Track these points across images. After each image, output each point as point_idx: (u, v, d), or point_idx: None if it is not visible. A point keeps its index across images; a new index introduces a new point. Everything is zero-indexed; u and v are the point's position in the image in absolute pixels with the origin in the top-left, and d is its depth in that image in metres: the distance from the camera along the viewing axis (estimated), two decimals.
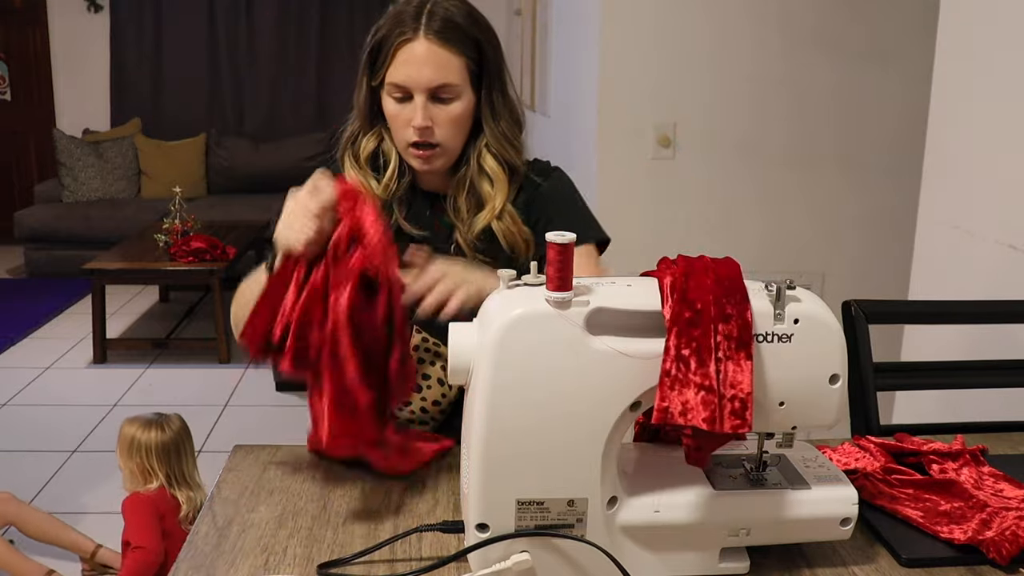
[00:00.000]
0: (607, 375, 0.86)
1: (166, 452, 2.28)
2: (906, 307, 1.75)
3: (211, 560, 0.94)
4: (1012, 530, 0.95)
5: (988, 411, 1.51)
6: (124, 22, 6.42)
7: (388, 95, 1.30)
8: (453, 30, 1.27)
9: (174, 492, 2.29)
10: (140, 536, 2.21)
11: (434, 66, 1.25)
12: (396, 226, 1.35)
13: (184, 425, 2.37)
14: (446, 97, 1.28)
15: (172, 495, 2.29)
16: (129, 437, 2.29)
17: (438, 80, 1.26)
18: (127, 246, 4.76)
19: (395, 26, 1.26)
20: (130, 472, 2.30)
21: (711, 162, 2.84)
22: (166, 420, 2.33)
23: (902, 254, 2.14)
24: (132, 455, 2.28)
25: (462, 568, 0.93)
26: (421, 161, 1.32)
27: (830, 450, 1.15)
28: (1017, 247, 1.64)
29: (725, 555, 0.94)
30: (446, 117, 1.28)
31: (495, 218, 1.33)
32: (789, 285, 0.88)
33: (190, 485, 2.33)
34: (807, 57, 2.79)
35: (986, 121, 1.75)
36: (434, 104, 1.28)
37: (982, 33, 1.76)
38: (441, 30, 1.26)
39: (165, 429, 2.31)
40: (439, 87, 1.26)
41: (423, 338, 1.35)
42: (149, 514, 2.24)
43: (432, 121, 1.27)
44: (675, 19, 2.76)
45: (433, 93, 1.27)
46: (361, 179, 1.35)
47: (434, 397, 1.36)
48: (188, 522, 2.27)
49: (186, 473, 2.33)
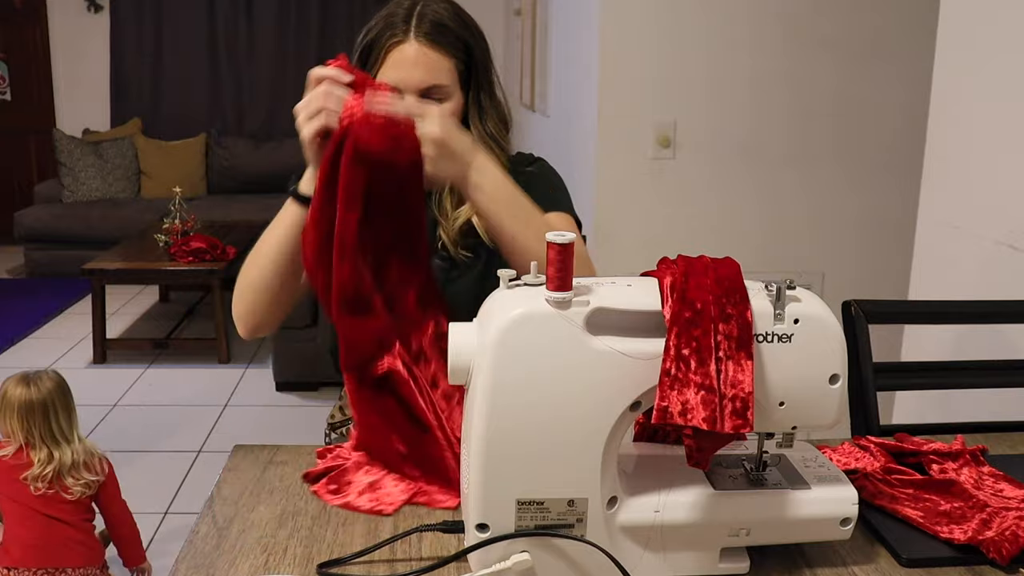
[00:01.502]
0: (607, 375, 0.86)
1: (29, 411, 2.21)
2: (906, 307, 1.75)
3: (211, 560, 0.94)
4: (1012, 530, 0.95)
5: (987, 411, 1.51)
6: (124, 22, 6.43)
7: None
8: (443, 32, 1.28)
9: (31, 453, 2.21)
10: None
11: (424, 68, 1.27)
12: None
13: (58, 383, 2.29)
14: (436, 98, 1.29)
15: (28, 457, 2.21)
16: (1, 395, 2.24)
17: (428, 81, 1.27)
18: (127, 246, 4.77)
19: (385, 28, 1.28)
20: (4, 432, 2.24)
21: (711, 162, 2.84)
22: (36, 379, 2.26)
23: (902, 254, 2.15)
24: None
25: (462, 568, 0.93)
26: None
27: (830, 450, 1.15)
28: (1017, 247, 1.64)
29: (725, 555, 0.94)
30: None
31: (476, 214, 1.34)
32: (789, 285, 0.88)
33: (56, 442, 2.23)
34: (806, 57, 2.79)
35: (986, 121, 1.75)
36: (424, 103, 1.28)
37: (982, 33, 1.76)
38: (431, 32, 1.27)
39: (31, 387, 2.23)
40: (429, 88, 1.27)
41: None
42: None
43: None
44: (675, 19, 2.77)
45: (423, 94, 1.28)
46: None
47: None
48: (41, 481, 2.18)
49: (54, 431, 2.24)
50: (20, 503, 2.19)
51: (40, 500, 2.18)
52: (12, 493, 2.20)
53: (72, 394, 2.31)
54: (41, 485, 2.18)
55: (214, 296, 4.38)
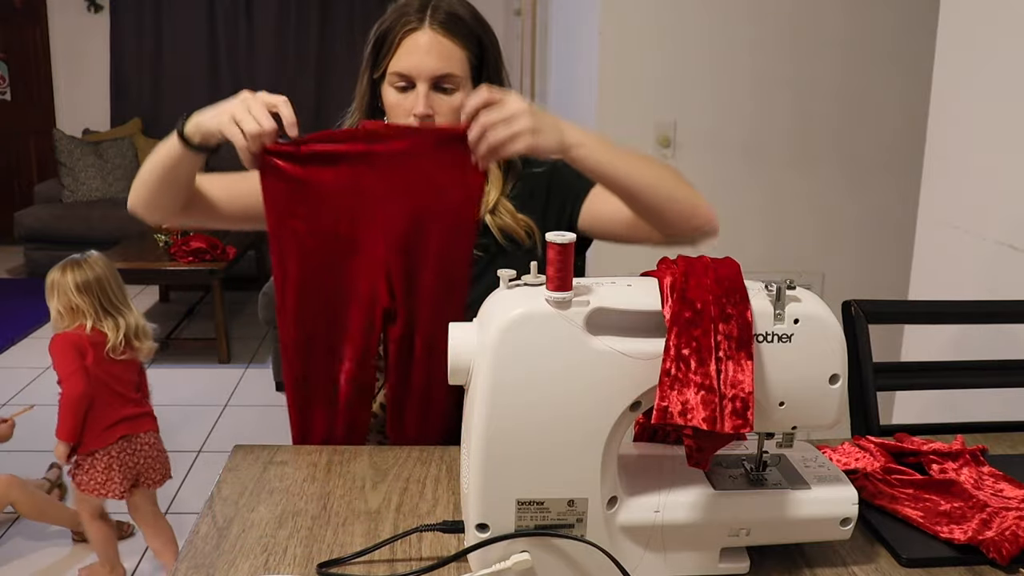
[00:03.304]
0: (607, 375, 0.86)
1: (88, 288, 2.43)
2: (906, 307, 1.75)
3: (211, 560, 0.94)
4: (1012, 530, 0.95)
5: (987, 411, 1.51)
6: (124, 22, 6.42)
7: (390, 85, 1.31)
8: (457, 23, 1.29)
9: (102, 327, 2.44)
10: (62, 369, 2.40)
11: (438, 56, 1.28)
12: None
13: (106, 261, 2.52)
14: (448, 87, 1.29)
15: (101, 331, 2.44)
16: (51, 281, 2.45)
17: (442, 69, 1.28)
18: (127, 246, 4.77)
19: (399, 18, 1.29)
20: (57, 314, 2.45)
21: (711, 162, 2.84)
22: (86, 260, 2.49)
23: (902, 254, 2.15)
24: (56, 296, 2.44)
25: (462, 568, 0.93)
26: None
27: (830, 450, 1.15)
28: (1017, 247, 1.64)
29: (725, 555, 0.94)
30: (447, 107, 1.30)
31: (488, 212, 1.34)
32: (789, 285, 0.88)
33: (120, 311, 2.48)
34: (806, 57, 2.79)
35: (986, 121, 1.75)
36: (436, 94, 1.29)
37: (982, 33, 1.76)
38: (446, 21, 1.28)
39: (85, 268, 2.46)
40: (442, 76, 1.28)
41: None
42: (69, 350, 2.41)
43: (433, 110, 1.29)
44: (674, 19, 2.77)
45: (436, 82, 1.28)
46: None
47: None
48: (117, 352, 2.44)
49: (115, 302, 2.48)
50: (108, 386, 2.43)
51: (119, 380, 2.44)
52: (94, 365, 2.42)
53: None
54: (117, 353, 2.44)
55: (214, 296, 4.38)
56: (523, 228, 1.36)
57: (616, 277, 0.92)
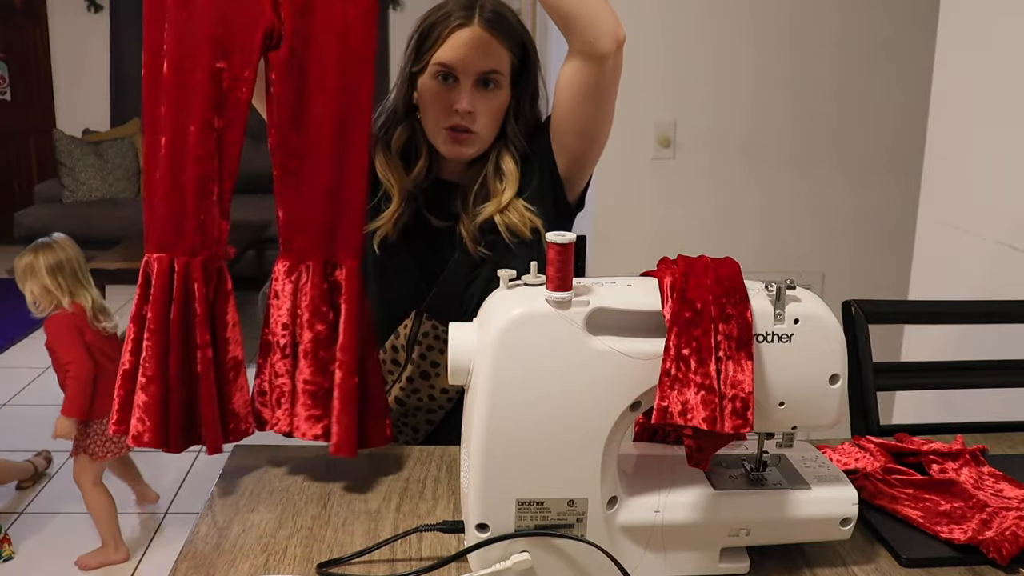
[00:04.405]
0: (607, 375, 0.86)
1: (60, 268, 2.56)
2: (906, 307, 1.75)
3: (211, 560, 0.94)
4: (1012, 530, 0.95)
5: (987, 411, 1.51)
6: (124, 22, 6.43)
7: (431, 77, 1.32)
8: (503, 23, 1.32)
9: (78, 300, 2.58)
10: (66, 352, 2.50)
11: (486, 51, 1.30)
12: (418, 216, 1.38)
13: (71, 242, 2.67)
14: (491, 85, 1.31)
15: (81, 305, 2.57)
16: (25, 264, 2.57)
17: (489, 65, 1.30)
18: (127, 246, 4.76)
19: (446, 15, 1.31)
20: (32, 296, 2.57)
21: (711, 162, 2.84)
22: (55, 242, 2.62)
23: (902, 254, 2.15)
24: (31, 279, 2.55)
25: (462, 568, 0.93)
26: (454, 144, 1.34)
27: (830, 450, 1.15)
28: (1017, 247, 1.64)
29: (725, 555, 0.94)
30: (487, 106, 1.32)
31: (499, 211, 1.35)
32: (789, 285, 0.88)
33: (87, 288, 2.62)
34: (806, 57, 2.79)
35: (986, 121, 1.75)
36: (478, 90, 1.31)
37: (982, 33, 1.76)
38: (493, 20, 1.31)
39: (56, 249, 2.59)
40: (488, 72, 1.30)
41: (432, 325, 1.37)
42: (70, 331, 2.53)
43: (474, 108, 1.30)
44: (674, 19, 2.77)
45: (481, 78, 1.30)
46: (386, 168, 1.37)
47: (442, 385, 1.39)
48: (94, 319, 2.60)
49: (81, 281, 2.62)
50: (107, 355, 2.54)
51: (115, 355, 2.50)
52: (101, 346, 2.55)
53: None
54: (96, 325, 2.57)
55: None
56: (528, 227, 1.36)
57: (616, 277, 0.92)
